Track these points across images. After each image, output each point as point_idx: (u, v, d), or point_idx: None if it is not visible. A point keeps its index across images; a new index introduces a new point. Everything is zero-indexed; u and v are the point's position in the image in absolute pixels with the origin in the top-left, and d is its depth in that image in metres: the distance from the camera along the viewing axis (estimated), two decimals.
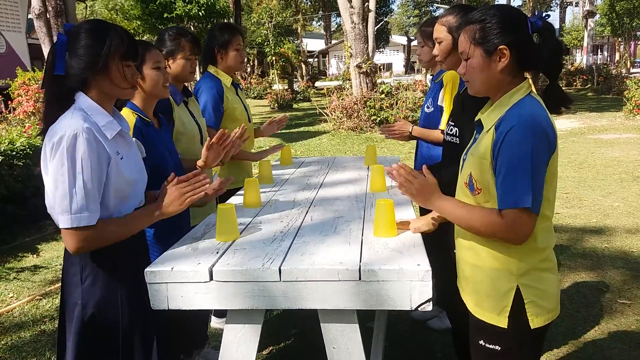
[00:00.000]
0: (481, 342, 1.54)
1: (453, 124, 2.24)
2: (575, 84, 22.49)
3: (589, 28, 23.32)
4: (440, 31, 2.23)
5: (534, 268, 1.45)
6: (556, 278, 1.52)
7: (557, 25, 40.97)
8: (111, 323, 1.60)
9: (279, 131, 3.38)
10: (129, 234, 1.63)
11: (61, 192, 1.47)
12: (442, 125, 2.76)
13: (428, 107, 2.90)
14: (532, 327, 1.45)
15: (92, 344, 1.58)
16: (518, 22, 1.43)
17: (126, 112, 2.03)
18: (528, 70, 1.50)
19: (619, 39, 29.12)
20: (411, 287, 1.43)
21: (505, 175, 1.35)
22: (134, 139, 1.99)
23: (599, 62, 28.00)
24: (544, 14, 1.46)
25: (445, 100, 2.74)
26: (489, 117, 1.49)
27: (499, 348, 1.50)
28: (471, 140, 1.62)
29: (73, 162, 1.47)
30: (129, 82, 1.63)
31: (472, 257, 1.55)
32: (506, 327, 1.47)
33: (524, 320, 1.46)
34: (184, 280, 1.49)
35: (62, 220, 1.48)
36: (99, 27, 1.59)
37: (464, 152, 1.62)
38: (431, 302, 1.45)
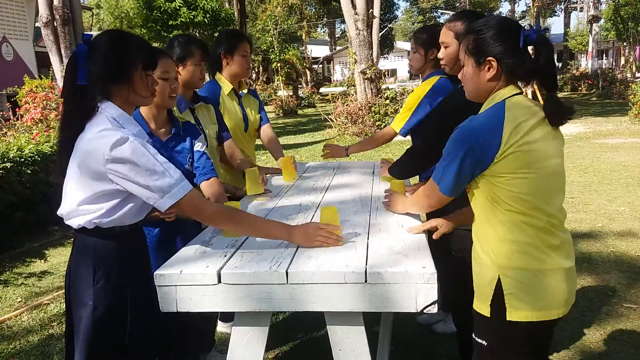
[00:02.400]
0: (474, 335, 1.61)
1: None
2: (580, 88, 22.44)
3: (593, 33, 23.26)
4: (447, 35, 2.22)
5: (512, 261, 1.50)
6: (550, 280, 1.50)
7: (561, 30, 40.90)
8: (120, 325, 1.62)
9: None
10: (254, 234, 1.76)
11: (160, 174, 1.50)
12: None
13: None
14: (507, 319, 1.49)
15: (101, 345, 1.60)
16: (509, 35, 1.51)
17: None
18: (516, 81, 1.57)
19: (624, 44, 29.03)
20: (417, 289, 1.44)
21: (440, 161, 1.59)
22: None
23: (604, 66, 27.90)
24: (542, 28, 1.52)
25: None
26: None
27: (485, 343, 1.57)
28: None
29: (147, 149, 1.51)
30: (150, 90, 1.65)
31: (474, 252, 1.64)
32: (489, 316, 1.53)
33: (502, 310, 1.51)
34: (192, 282, 1.51)
35: (174, 194, 1.51)
36: (120, 37, 1.60)
37: None
38: (436, 305, 1.46)
